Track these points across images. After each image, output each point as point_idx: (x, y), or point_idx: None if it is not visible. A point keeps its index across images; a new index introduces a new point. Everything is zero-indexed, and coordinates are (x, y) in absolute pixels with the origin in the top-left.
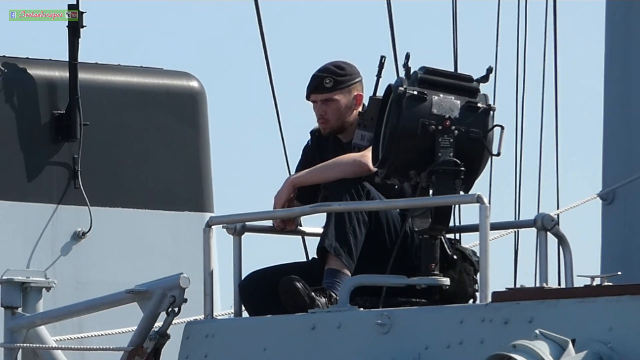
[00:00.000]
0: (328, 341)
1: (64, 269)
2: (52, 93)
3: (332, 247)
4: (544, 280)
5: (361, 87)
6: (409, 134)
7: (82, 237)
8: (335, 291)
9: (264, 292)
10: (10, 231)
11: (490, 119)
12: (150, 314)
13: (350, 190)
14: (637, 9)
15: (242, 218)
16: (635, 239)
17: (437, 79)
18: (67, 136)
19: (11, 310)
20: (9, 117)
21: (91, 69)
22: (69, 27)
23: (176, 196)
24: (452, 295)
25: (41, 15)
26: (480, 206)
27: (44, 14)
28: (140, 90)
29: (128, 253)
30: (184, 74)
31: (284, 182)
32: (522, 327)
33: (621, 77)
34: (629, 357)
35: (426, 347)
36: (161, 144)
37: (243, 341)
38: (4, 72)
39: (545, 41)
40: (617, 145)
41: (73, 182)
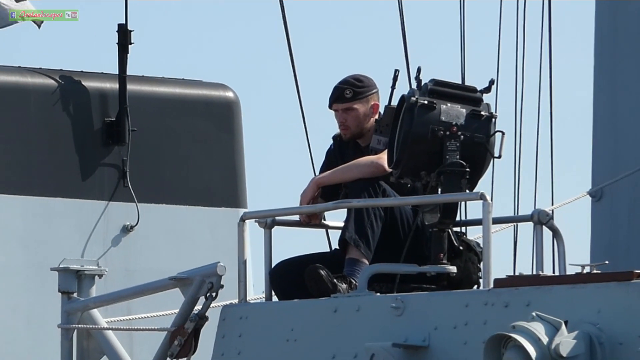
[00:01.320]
0: (348, 322)
1: (114, 259)
2: (103, 102)
3: (352, 239)
4: (540, 268)
5: (377, 97)
6: (420, 138)
7: (130, 230)
8: (355, 278)
9: (291, 279)
10: (66, 225)
11: (492, 126)
12: (190, 299)
13: (368, 188)
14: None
15: (272, 213)
16: (620, 232)
17: (445, 90)
18: (117, 141)
19: (67, 295)
20: (66, 124)
21: (138, 81)
22: (118, 44)
23: (214, 194)
24: (458, 281)
25: (41, 15)
26: (483, 203)
27: (44, 14)
28: (181, 100)
29: (171, 244)
30: (220, 85)
31: (309, 181)
32: (521, 310)
33: (608, 89)
34: (616, 337)
35: (435, 328)
36: (200, 148)
37: (273, 322)
38: None
39: (541, 56)
40: (604, 149)
41: (122, 181)
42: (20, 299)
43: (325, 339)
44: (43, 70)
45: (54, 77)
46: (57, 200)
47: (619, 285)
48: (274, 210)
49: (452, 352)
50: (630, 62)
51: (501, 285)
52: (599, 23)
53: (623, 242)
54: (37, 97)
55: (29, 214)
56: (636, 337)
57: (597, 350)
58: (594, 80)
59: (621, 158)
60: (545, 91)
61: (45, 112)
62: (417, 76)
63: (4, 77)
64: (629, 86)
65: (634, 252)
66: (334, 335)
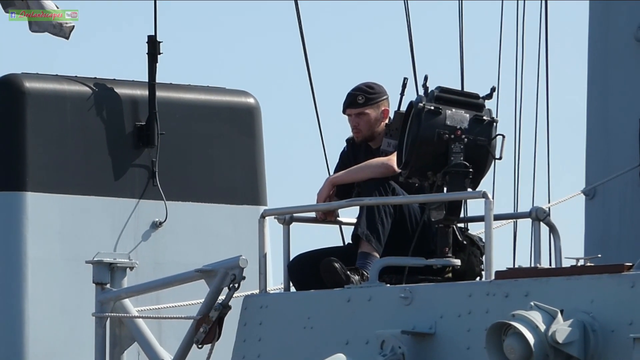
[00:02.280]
0: (360, 311)
1: (144, 252)
2: (134, 108)
3: (364, 234)
4: (538, 261)
5: (387, 103)
6: (427, 141)
7: (159, 226)
8: (366, 270)
9: (308, 271)
10: (100, 221)
11: (494, 129)
12: (215, 289)
13: (379, 187)
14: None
15: (291, 210)
16: (612, 228)
17: (450, 96)
18: (147, 143)
19: (101, 286)
20: (99, 128)
21: (166, 88)
22: (148, 54)
23: (236, 192)
24: (462, 273)
25: (41, 15)
26: (485, 201)
27: (44, 14)
28: (206, 106)
29: (197, 239)
30: (242, 92)
31: (324, 181)
32: (520, 300)
33: (600, 96)
34: (608, 324)
35: (441, 316)
36: (223, 150)
37: (291, 311)
38: None
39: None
40: (597, 151)
41: (152, 180)
42: (58, 290)
43: (339, 326)
44: (79, 78)
45: (89, 85)
46: (91, 198)
47: (611, 277)
48: (292, 207)
49: (456, 338)
50: (621, 72)
51: (502, 277)
52: (592, 34)
53: (614, 237)
54: (74, 103)
55: (66, 211)
56: (626, 324)
57: (590, 337)
58: (587, 88)
59: (613, 159)
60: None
61: (80, 117)
62: (424, 84)
63: (43, 84)
64: (620, 93)
65: (625, 246)
66: (347, 323)
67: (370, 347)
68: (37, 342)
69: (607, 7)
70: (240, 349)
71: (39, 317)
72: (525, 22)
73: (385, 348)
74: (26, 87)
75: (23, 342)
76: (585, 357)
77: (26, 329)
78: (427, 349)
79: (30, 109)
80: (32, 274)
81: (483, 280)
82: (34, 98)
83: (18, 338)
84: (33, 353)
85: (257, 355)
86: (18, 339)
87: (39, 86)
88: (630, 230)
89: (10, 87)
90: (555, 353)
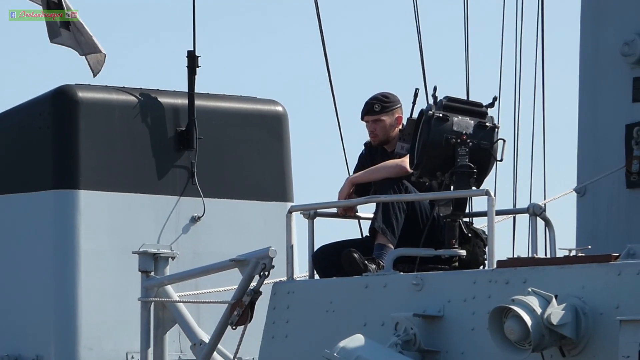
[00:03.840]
0: (377, 297)
1: (184, 244)
2: (175, 115)
3: (380, 228)
4: (535, 252)
5: (401, 110)
6: (436, 145)
7: (197, 220)
8: (382, 260)
9: (330, 261)
10: (145, 216)
11: (495, 134)
12: (247, 277)
13: (393, 186)
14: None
15: (315, 206)
16: (600, 222)
17: (457, 105)
18: (186, 146)
19: (146, 273)
20: (144, 133)
21: (204, 97)
22: (188, 67)
23: (266, 190)
24: (467, 263)
25: (41, 15)
26: (487, 198)
27: (44, 14)
28: (239, 113)
29: (231, 232)
30: (272, 101)
31: (345, 180)
32: (519, 287)
33: (590, 105)
34: (597, 308)
35: (449, 301)
36: (255, 152)
37: (315, 296)
38: None
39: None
40: (587, 153)
41: (191, 180)
42: (107, 278)
43: (358, 310)
44: (126, 88)
45: (135, 94)
46: (137, 195)
47: (600, 266)
48: (316, 204)
49: (462, 321)
50: (608, 83)
51: (503, 266)
52: (583, 50)
53: (603, 231)
54: (121, 110)
55: (114, 207)
56: (614, 308)
57: (581, 319)
58: (578, 97)
59: (601, 161)
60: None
61: (127, 123)
62: (434, 94)
63: (94, 94)
64: (607, 102)
65: (612, 238)
66: (365, 307)
67: (386, 328)
68: (89, 324)
69: (596, 26)
70: (270, 330)
71: (91, 301)
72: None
73: (399, 329)
74: (79, 96)
75: (77, 324)
76: (577, 337)
77: (79, 313)
78: (436, 330)
79: (83, 116)
80: (84, 263)
81: (486, 269)
82: (86, 106)
83: (72, 320)
84: (85, 334)
85: (285, 335)
86: (72, 321)
87: (90, 96)
88: (617, 224)
89: (65, 96)
90: (550, 334)
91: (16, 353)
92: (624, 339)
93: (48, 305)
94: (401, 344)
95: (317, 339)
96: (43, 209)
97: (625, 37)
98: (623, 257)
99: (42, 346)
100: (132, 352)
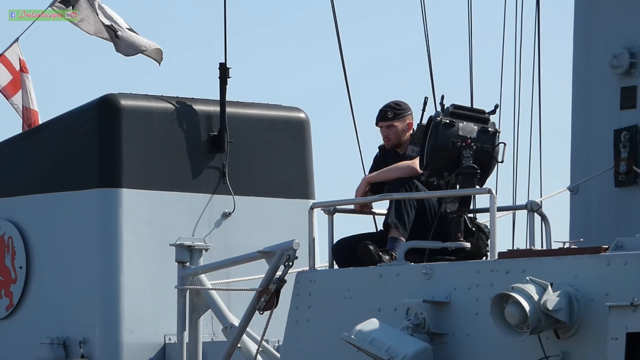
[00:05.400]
0: (390, 285)
1: (216, 237)
2: (208, 121)
3: (393, 222)
4: (532, 244)
5: (412, 117)
6: (443, 148)
7: (228, 215)
8: (395, 251)
9: (348, 252)
10: (181, 212)
11: (497, 138)
12: (273, 266)
13: (405, 185)
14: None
15: (334, 203)
16: (592, 217)
17: (462, 112)
18: (218, 149)
19: (182, 264)
20: (180, 137)
21: (234, 105)
22: (219, 78)
23: (290, 188)
24: (471, 254)
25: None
26: (490, 196)
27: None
28: (266, 119)
29: (258, 226)
30: (295, 108)
31: (361, 180)
32: (518, 276)
33: (582, 112)
34: (588, 295)
35: (455, 288)
36: (280, 154)
37: (334, 284)
38: None
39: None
40: (580, 155)
41: (222, 179)
42: (147, 268)
43: (373, 296)
44: (164, 97)
45: (172, 102)
46: (174, 193)
47: (591, 257)
48: (335, 201)
49: (467, 306)
50: (599, 92)
51: (503, 257)
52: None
53: (593, 225)
54: (159, 117)
55: (153, 203)
56: (603, 295)
57: (574, 305)
58: (572, 105)
59: (592, 162)
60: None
61: (165, 129)
62: (441, 102)
63: (135, 102)
64: (598, 109)
65: (602, 232)
66: (379, 294)
67: (398, 313)
68: (130, 309)
69: (587, 41)
70: (294, 315)
71: (132, 289)
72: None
73: (410, 314)
74: (122, 104)
75: (119, 309)
76: (570, 321)
77: (122, 299)
78: (444, 314)
79: (125, 122)
80: (126, 255)
81: (488, 260)
82: (128, 113)
83: (115, 306)
84: (127, 318)
85: (307, 319)
86: (115, 307)
87: (132, 103)
88: (606, 219)
89: (110, 104)
90: (546, 318)
91: (65, 336)
92: (613, 322)
93: (94, 292)
94: (412, 327)
95: (336, 323)
96: (90, 205)
97: (614, 50)
98: (612, 249)
99: (88, 329)
100: (169, 335)
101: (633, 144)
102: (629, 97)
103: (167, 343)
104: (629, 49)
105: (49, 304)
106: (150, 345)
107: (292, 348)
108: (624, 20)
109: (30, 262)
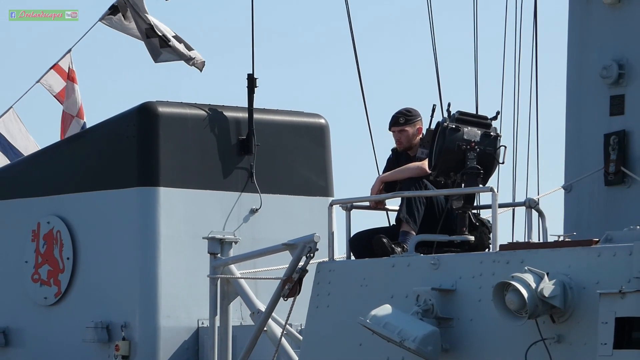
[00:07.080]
0: (402, 274)
1: (245, 231)
2: (237, 126)
3: (405, 218)
4: (530, 237)
5: (421, 122)
6: (450, 151)
7: (255, 212)
8: (406, 244)
9: (364, 244)
10: (213, 208)
11: (498, 142)
12: (296, 257)
13: (415, 184)
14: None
15: (351, 200)
16: (584, 213)
17: (467, 118)
18: (247, 151)
19: (214, 255)
20: (212, 141)
21: (261, 111)
22: (247, 88)
23: (311, 187)
24: (475, 246)
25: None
26: (492, 194)
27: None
28: (290, 124)
29: (283, 221)
30: (316, 114)
31: (375, 179)
32: (517, 266)
33: (576, 117)
34: (581, 283)
35: (460, 277)
36: (302, 156)
37: (351, 274)
38: None
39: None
40: (573, 157)
41: (250, 179)
42: (183, 258)
43: (386, 284)
44: (197, 104)
45: (204, 109)
46: (207, 192)
47: (583, 249)
48: (352, 198)
49: (471, 293)
50: (590, 100)
51: (504, 249)
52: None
53: (585, 220)
54: (193, 122)
55: (188, 201)
56: (594, 283)
57: (568, 292)
58: (566, 111)
59: (584, 163)
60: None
61: (198, 133)
62: (448, 109)
63: (171, 109)
64: (589, 115)
65: (593, 227)
66: (392, 282)
67: (409, 299)
68: (167, 296)
69: (580, 53)
70: (315, 301)
71: (169, 278)
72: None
73: (419, 300)
74: (159, 111)
75: (157, 296)
76: (564, 307)
77: (159, 287)
78: (450, 301)
79: (162, 127)
80: (163, 247)
81: (490, 252)
82: (165, 119)
83: (154, 293)
84: (164, 304)
85: (327, 305)
86: (154, 294)
87: (168, 110)
88: (597, 215)
89: (148, 111)
90: (542, 304)
91: (108, 320)
92: (603, 308)
93: (134, 281)
94: (421, 312)
95: (353, 309)
96: (130, 202)
97: (604, 62)
98: (602, 242)
99: (129, 314)
100: (202, 319)
101: (621, 147)
102: (618, 104)
103: (200, 327)
104: (618, 61)
105: (94, 291)
106: (184, 329)
107: (313, 331)
108: (613, 35)
109: (76, 254)
